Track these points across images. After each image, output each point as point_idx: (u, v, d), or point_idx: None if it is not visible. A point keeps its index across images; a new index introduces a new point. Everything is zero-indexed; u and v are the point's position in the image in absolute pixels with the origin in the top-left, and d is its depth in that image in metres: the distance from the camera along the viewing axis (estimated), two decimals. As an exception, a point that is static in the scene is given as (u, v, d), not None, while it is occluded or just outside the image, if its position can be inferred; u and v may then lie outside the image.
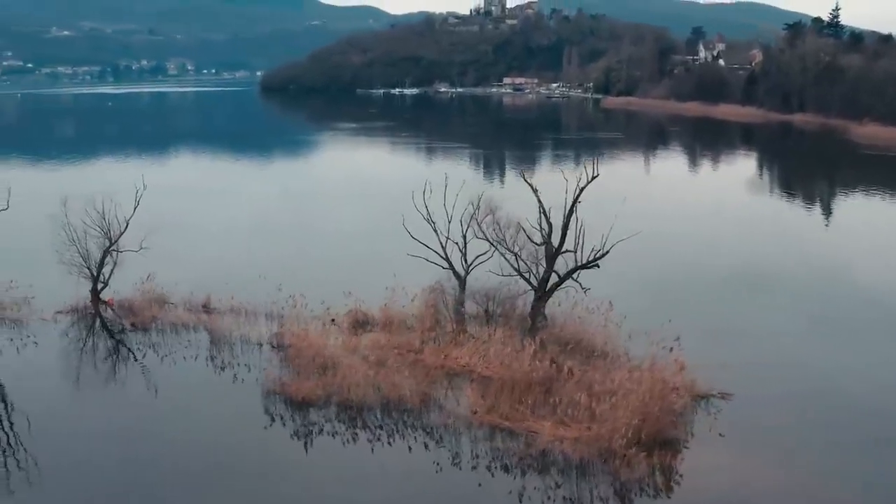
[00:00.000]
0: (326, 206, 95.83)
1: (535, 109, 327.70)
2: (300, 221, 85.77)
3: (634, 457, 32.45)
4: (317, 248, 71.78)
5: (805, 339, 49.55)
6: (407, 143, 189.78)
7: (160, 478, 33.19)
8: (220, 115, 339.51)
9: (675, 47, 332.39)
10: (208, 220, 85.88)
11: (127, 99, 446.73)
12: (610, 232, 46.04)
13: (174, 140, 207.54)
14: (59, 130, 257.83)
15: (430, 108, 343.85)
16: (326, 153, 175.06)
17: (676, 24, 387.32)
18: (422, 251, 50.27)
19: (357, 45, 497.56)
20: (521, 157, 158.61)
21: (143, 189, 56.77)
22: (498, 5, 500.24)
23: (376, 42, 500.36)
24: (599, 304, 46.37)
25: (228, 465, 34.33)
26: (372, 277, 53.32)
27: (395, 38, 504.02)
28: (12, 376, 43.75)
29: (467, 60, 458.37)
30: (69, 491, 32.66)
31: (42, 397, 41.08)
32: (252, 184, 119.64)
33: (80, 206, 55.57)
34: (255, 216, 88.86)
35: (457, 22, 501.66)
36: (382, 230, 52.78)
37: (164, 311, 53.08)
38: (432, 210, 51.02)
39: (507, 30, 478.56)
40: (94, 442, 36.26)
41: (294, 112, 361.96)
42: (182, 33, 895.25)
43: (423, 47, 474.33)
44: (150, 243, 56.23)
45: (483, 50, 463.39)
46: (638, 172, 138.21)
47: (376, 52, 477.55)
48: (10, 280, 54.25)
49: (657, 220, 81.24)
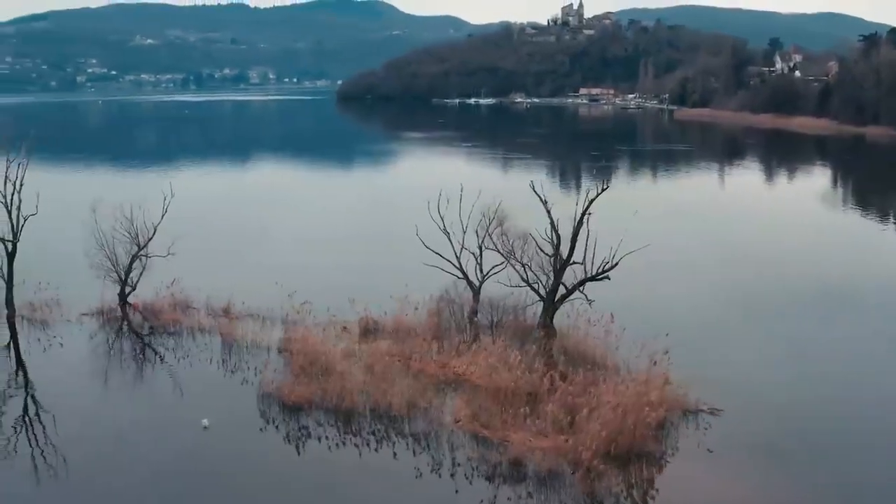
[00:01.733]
0: (369, 216, 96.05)
1: (611, 120, 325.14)
2: (340, 230, 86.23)
3: (605, 469, 32.37)
4: (346, 256, 71.87)
5: (814, 359, 48.23)
6: (472, 153, 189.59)
7: (159, 478, 34.06)
8: (293, 123, 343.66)
9: (751, 58, 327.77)
10: (252, 227, 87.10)
11: (205, 107, 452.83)
12: (635, 243, 45.93)
13: (240, 148, 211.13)
14: (130, 137, 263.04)
15: (503, 119, 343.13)
16: (390, 163, 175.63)
17: (756, 35, 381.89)
18: (438, 261, 51.23)
19: (433, 55, 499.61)
20: (591, 168, 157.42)
21: (172, 197, 58.36)
22: (575, 16, 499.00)
23: (453, 52, 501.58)
24: (601, 316, 46.09)
25: (224, 466, 35.16)
26: (389, 286, 53.29)
27: (471, 47, 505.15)
28: (38, 374, 46.14)
29: (543, 71, 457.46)
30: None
31: (65, 395, 42.65)
32: (309, 192, 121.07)
33: (111, 213, 57.14)
34: (302, 224, 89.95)
35: (534, 32, 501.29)
36: (404, 239, 53.11)
37: (185, 315, 54.22)
38: (451, 221, 51.59)
39: (584, 40, 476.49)
40: (112, 439, 37.41)
41: (366, 121, 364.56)
42: (265, 42, 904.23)
43: (499, 57, 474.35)
44: (184, 249, 58.37)
45: (560, 60, 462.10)
46: (706, 185, 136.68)
47: (453, 62, 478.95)
48: (38, 282, 55.87)
49: (715, 233, 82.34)
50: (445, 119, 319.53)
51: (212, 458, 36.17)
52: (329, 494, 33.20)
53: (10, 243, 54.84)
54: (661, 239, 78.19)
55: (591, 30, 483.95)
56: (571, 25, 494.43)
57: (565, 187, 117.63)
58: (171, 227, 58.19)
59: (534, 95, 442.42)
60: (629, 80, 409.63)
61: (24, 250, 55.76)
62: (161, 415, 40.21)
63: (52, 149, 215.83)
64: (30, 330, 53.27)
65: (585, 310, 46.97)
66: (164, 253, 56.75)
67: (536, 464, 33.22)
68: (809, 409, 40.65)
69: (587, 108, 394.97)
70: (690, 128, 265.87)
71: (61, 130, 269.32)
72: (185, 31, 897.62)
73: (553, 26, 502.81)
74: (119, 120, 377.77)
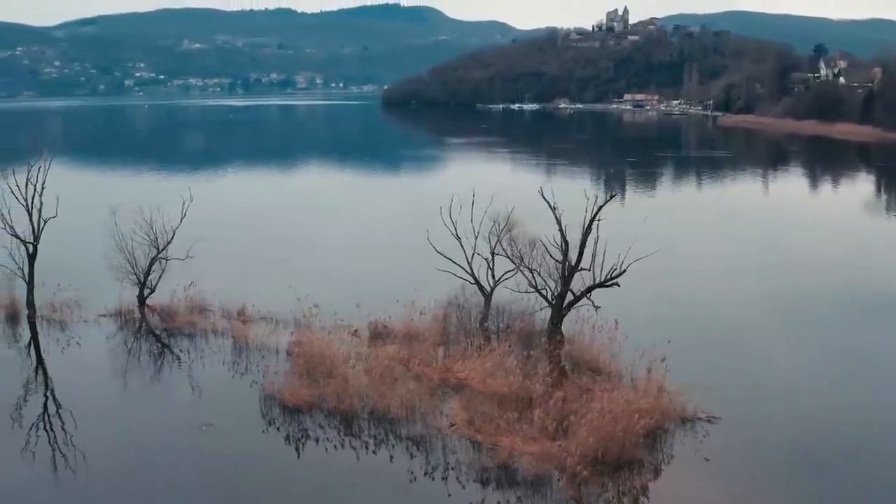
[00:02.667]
0: (395, 221, 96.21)
1: (654, 126, 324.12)
2: (365, 234, 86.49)
3: (593, 476, 32.44)
4: (366, 261, 72.25)
5: (818, 369, 47.72)
6: (509, 158, 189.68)
7: (169, 480, 34.59)
8: (336, 128, 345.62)
9: (796, 65, 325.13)
10: (280, 231, 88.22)
11: (250, 111, 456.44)
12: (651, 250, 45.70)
13: (280, 153, 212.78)
14: (172, 141, 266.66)
15: (546, 124, 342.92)
16: (426, 169, 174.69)
17: (806, 42, 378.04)
18: (451, 267, 51.65)
19: (478, 60, 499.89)
20: (625, 175, 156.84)
21: (191, 200, 58.84)
22: (620, 21, 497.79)
23: (497, 57, 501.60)
24: (604, 322, 46.15)
25: (227, 467, 35.66)
26: (402, 290, 53.55)
27: (516, 52, 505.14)
28: (57, 374, 47.20)
29: (587, 76, 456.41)
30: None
31: (82, 394, 43.56)
32: (342, 197, 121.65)
33: (132, 216, 57.99)
34: (330, 228, 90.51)
35: (578, 38, 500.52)
36: (424, 245, 53.33)
37: (201, 317, 54.90)
38: (464, 227, 52.22)
39: (629, 46, 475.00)
40: (124, 437, 38.21)
41: (409, 126, 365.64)
42: (312, 47, 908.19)
43: (544, 62, 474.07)
44: (205, 252, 59.42)
45: (604, 66, 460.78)
46: (746, 191, 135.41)
47: (497, 67, 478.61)
48: (58, 283, 56.85)
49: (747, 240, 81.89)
50: (488, 125, 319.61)
51: (216, 457, 36.65)
52: (325, 496, 33.59)
53: (31, 245, 55.78)
54: (684, 245, 78.70)
55: (635, 35, 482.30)
56: (616, 31, 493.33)
57: (593, 193, 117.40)
58: (196, 230, 58.98)
59: (577, 101, 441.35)
60: (674, 86, 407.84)
61: (56, 253, 56.78)
62: (170, 414, 40.77)
63: (94, 151, 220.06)
64: (50, 330, 54.28)
65: (591, 316, 46.95)
66: (183, 256, 57.26)
67: (524, 469, 33.26)
68: (811, 418, 40.24)
69: (631, 114, 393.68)
70: (733, 134, 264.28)
71: (105, 133, 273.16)
72: (233, 36, 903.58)
73: (598, 32, 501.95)
74: (163, 124, 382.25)
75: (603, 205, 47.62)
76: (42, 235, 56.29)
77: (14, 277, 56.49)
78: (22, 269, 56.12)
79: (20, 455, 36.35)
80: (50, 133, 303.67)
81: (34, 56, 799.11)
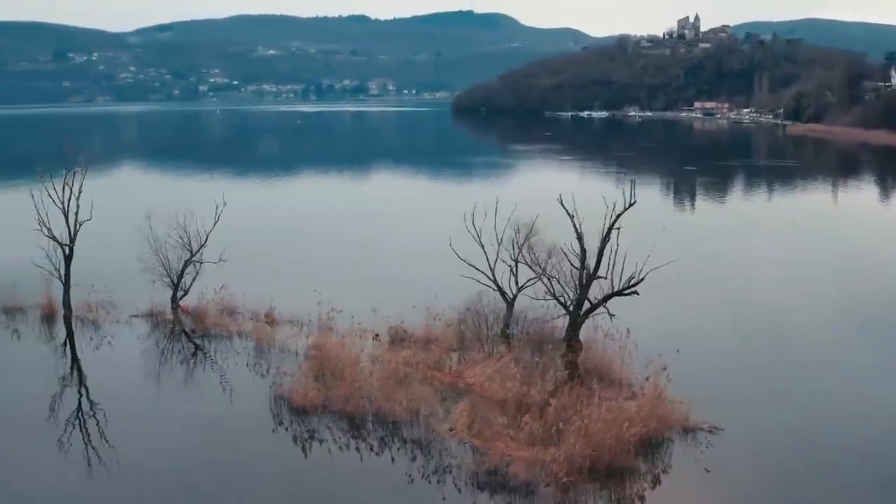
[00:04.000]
0: (437, 226, 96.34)
1: (723, 135, 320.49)
2: (404, 240, 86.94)
3: (584, 483, 32.71)
4: (398, 266, 73.21)
5: (822, 378, 47.25)
6: (568, 165, 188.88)
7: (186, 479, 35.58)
8: (401, 134, 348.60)
9: (867, 73, 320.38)
10: (322, 236, 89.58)
11: (319, 117, 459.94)
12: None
13: (342, 158, 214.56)
14: (236, 145, 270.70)
15: (613, 132, 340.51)
16: (482, 175, 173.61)
17: (881, 50, 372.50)
18: (476, 274, 52.37)
19: (547, 68, 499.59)
20: (681, 183, 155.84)
21: (224, 205, 60.19)
22: (691, 29, 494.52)
23: (567, 64, 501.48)
24: (616, 330, 46.17)
25: (238, 465, 36.51)
26: (427, 296, 53.88)
27: (586, 60, 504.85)
28: (90, 372, 48.88)
29: (657, 84, 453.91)
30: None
31: (113, 391, 45.05)
32: (393, 202, 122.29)
33: (167, 219, 59.50)
34: (373, 233, 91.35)
35: (649, 45, 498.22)
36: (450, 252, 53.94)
37: (230, 319, 55.97)
38: (490, 233, 52.94)
39: (700, 53, 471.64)
40: (151, 434, 39.39)
41: (476, 133, 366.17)
42: (385, 54, 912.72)
43: (613, 70, 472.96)
44: (242, 254, 62.20)
45: (674, 73, 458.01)
46: (803, 202, 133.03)
47: (566, 75, 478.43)
48: (91, 284, 58.41)
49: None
50: (555, 132, 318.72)
51: (226, 455, 37.51)
52: (326, 496, 34.34)
53: (67, 247, 57.20)
54: (714, 253, 78.46)
55: (706, 43, 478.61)
56: (687, 38, 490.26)
57: (642, 201, 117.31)
58: (234, 235, 61.53)
59: (647, 109, 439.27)
60: (744, 94, 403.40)
61: (104, 256, 58.29)
62: (188, 412, 42.01)
63: (161, 155, 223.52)
64: (84, 329, 55.93)
65: (606, 324, 47.04)
66: (216, 259, 58.75)
67: (515, 474, 33.49)
68: (815, 431, 39.88)
69: (701, 122, 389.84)
70: (802, 143, 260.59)
71: (175, 138, 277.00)
72: (307, 43, 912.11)
73: (668, 39, 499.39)
74: (231, 129, 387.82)
75: (621, 213, 47.46)
76: (93, 238, 57.96)
77: (52, 279, 58.13)
78: (58, 269, 57.54)
79: (55, 449, 37.81)
80: (121, 138, 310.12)
81: (110, 61, 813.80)
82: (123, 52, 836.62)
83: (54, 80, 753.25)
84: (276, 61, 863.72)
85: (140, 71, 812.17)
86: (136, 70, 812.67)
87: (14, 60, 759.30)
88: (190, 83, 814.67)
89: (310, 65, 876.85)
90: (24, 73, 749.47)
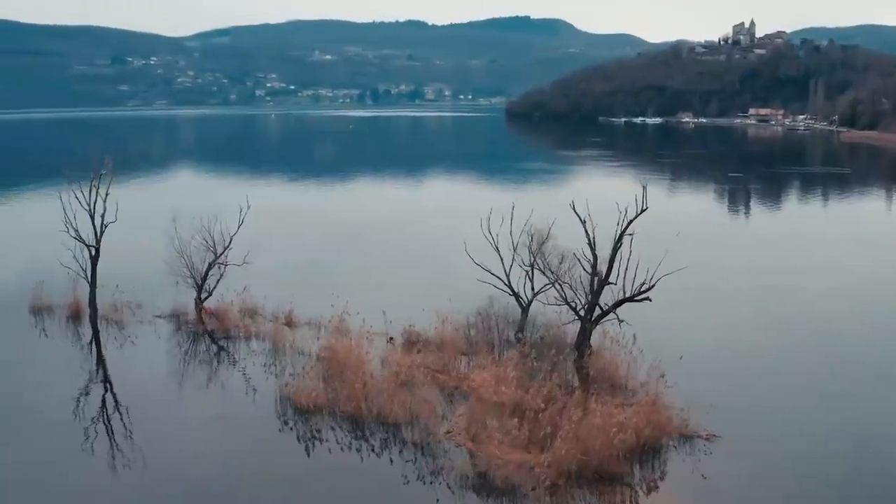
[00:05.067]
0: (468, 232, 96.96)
1: (777, 142, 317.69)
2: (430, 245, 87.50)
3: (569, 489, 32.98)
4: (421, 272, 73.73)
5: (823, 388, 46.91)
6: (611, 171, 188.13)
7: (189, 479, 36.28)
8: (450, 139, 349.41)
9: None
10: (350, 241, 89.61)
11: (372, 122, 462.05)
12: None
13: (389, 163, 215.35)
14: (283, 149, 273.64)
15: (664, 138, 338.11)
16: (514, 180, 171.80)
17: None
18: (492, 279, 52.60)
19: (601, 73, 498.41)
20: (723, 191, 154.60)
21: (248, 209, 60.97)
22: (747, 35, 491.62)
23: (621, 70, 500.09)
24: (624, 336, 46.34)
25: (242, 464, 37.12)
26: (443, 300, 54.34)
27: (640, 66, 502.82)
28: (115, 371, 50.09)
29: (712, 90, 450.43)
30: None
31: (135, 391, 45.99)
32: (426, 206, 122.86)
33: (191, 223, 60.38)
34: (399, 239, 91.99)
35: (704, 51, 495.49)
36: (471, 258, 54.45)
37: (248, 321, 56.69)
38: (503, 239, 53.27)
39: (755, 59, 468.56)
40: (171, 432, 40.36)
41: (525, 138, 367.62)
42: (441, 59, 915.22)
43: (668, 76, 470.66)
44: (265, 257, 63.47)
45: (729, 80, 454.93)
46: (838, 212, 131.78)
47: (620, 80, 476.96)
48: (115, 285, 59.41)
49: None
50: (604, 138, 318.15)
51: (236, 454, 37.99)
52: (325, 496, 35.05)
53: (94, 248, 58.29)
54: (730, 262, 78.18)
55: (762, 49, 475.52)
56: (742, 44, 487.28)
57: (680, 208, 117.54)
58: (260, 238, 63.56)
59: (701, 115, 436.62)
60: (799, 101, 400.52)
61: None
62: (204, 411, 43.01)
63: (210, 158, 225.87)
64: (110, 329, 57.07)
65: (616, 330, 47.30)
66: (240, 261, 59.49)
67: (503, 477, 33.81)
68: (814, 440, 39.76)
69: (755, 129, 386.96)
70: (856, 151, 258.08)
71: (222, 142, 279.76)
72: (363, 48, 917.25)
73: (723, 45, 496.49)
74: (281, 133, 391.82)
75: (633, 219, 47.53)
76: (125, 240, 59.30)
77: (79, 279, 59.31)
78: (85, 270, 58.70)
79: (80, 447, 38.73)
80: (172, 141, 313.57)
81: (168, 65, 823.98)
82: (181, 56, 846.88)
83: (113, 84, 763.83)
84: (332, 66, 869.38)
85: (198, 75, 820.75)
86: (194, 74, 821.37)
87: (73, 64, 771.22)
88: (247, 88, 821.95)
89: (366, 69, 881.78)
90: (82, 76, 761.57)
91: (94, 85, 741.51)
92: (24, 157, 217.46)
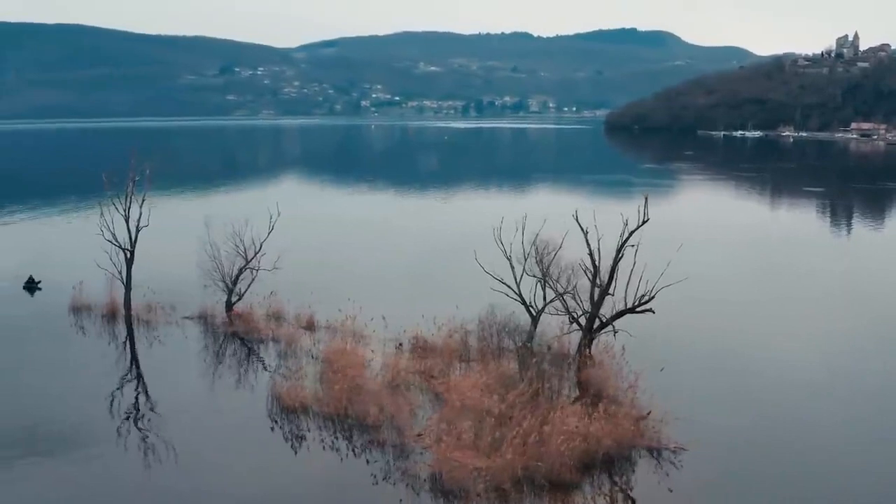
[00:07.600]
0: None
1: (877, 157, 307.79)
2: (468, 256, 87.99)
3: (519, 494, 34.08)
4: (443, 281, 74.70)
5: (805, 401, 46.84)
6: (691, 184, 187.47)
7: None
8: (539, 151, 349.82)
9: None
10: (395, 251, 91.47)
11: (475, 133, 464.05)
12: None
13: (460, 174, 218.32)
14: (371, 160, 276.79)
15: (761, 152, 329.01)
16: (582, 192, 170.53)
17: None
18: (503, 288, 53.99)
19: (703, 86, 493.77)
20: (800, 206, 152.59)
21: (278, 215, 63.70)
22: (850, 47, 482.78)
23: (722, 82, 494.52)
24: (618, 346, 47.58)
25: (237, 461, 39.07)
26: (454, 309, 55.75)
27: (741, 78, 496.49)
28: (146, 369, 52.94)
29: (813, 103, 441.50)
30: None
31: (164, 390, 48.39)
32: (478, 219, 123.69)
33: (224, 230, 62.82)
34: (437, 248, 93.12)
35: (806, 64, 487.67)
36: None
37: (272, 324, 58.94)
38: (514, 249, 54.78)
39: (858, 73, 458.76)
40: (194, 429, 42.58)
41: (619, 151, 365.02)
42: (545, 71, 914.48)
43: (769, 89, 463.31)
44: (297, 263, 66.62)
45: (831, 93, 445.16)
46: None
47: (722, 93, 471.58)
48: (147, 286, 62.73)
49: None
50: (697, 151, 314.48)
51: (234, 452, 39.90)
52: (305, 493, 36.84)
53: (129, 251, 61.40)
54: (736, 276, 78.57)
55: (865, 62, 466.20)
56: (846, 57, 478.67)
57: (746, 224, 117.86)
58: (297, 245, 65.83)
59: (802, 129, 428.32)
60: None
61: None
62: (212, 411, 45.19)
63: (297, 166, 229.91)
64: (143, 329, 59.97)
65: (617, 340, 48.47)
66: (270, 267, 62.10)
67: (455, 480, 34.75)
68: (786, 452, 39.81)
69: (856, 144, 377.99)
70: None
71: (315, 152, 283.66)
72: (468, 59, 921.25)
73: (826, 58, 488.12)
74: (377, 144, 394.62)
75: (634, 230, 48.12)
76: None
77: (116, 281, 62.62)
78: (121, 273, 61.88)
79: (114, 443, 40.91)
80: (278, 149, 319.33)
81: (275, 76, 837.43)
82: (288, 66, 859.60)
83: (220, 94, 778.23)
84: (437, 77, 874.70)
85: (304, 85, 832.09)
86: (300, 85, 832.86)
87: (182, 74, 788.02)
88: (352, 98, 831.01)
89: (471, 81, 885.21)
90: (191, 86, 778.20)
91: (202, 94, 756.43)
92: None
